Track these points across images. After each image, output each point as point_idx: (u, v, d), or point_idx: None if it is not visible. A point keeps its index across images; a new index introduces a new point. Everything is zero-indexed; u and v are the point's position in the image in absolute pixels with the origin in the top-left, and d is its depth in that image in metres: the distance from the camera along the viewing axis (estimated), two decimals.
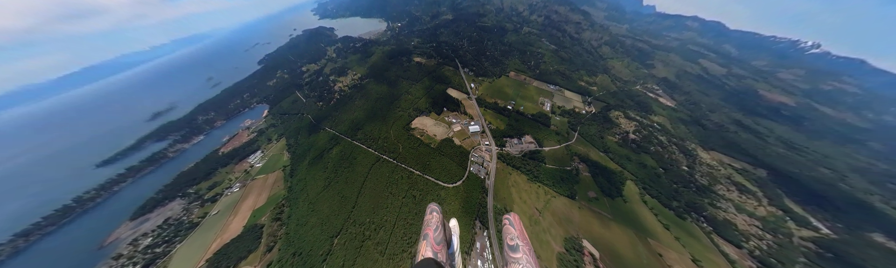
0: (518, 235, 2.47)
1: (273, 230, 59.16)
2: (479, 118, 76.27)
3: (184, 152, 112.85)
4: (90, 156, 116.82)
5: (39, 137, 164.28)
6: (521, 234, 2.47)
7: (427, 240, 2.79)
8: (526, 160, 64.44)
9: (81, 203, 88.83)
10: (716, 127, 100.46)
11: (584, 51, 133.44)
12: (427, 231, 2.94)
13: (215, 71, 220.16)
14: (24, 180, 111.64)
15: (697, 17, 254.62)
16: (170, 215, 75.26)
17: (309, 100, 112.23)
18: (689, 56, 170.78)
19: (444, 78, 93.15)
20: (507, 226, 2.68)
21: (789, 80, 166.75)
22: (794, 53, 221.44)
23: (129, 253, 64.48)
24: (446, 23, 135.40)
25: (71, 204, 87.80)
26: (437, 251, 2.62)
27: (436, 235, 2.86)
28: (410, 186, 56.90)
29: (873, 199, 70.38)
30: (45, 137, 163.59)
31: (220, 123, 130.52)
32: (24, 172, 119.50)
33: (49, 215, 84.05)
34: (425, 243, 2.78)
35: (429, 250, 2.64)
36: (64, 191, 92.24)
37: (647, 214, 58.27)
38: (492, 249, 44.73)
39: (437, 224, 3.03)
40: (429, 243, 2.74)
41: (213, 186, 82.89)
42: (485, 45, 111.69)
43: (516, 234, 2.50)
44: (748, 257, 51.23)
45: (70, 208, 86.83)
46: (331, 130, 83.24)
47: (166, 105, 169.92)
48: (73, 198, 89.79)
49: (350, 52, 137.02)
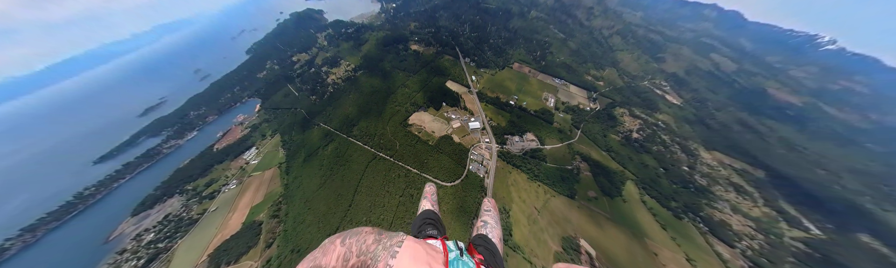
0: (491, 206, 3.49)
1: (271, 227, 59.67)
2: (480, 114, 73.16)
3: (179, 148, 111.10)
4: (87, 152, 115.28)
5: (33, 134, 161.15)
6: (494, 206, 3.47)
7: (427, 199, 3.89)
8: (526, 159, 63.01)
9: (83, 199, 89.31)
10: (720, 127, 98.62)
11: (594, 41, 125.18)
12: (426, 195, 4.05)
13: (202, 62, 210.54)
14: (24, 177, 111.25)
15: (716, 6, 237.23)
16: (170, 212, 75.86)
17: (301, 93, 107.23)
18: (701, 50, 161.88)
19: (444, 69, 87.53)
20: (485, 202, 3.67)
21: (800, 78, 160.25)
22: (810, 49, 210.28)
23: (133, 248, 65.96)
24: (445, 3, 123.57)
25: (73, 200, 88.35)
26: (433, 205, 3.69)
27: (433, 197, 3.93)
28: (407, 185, 56.01)
29: (864, 200, 71.09)
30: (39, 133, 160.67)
31: (213, 119, 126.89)
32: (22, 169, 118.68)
33: (53, 210, 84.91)
34: (426, 200, 3.89)
35: (429, 204, 3.72)
36: (64, 187, 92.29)
37: (645, 214, 58.56)
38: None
39: (433, 192, 4.13)
40: (429, 200, 3.83)
41: (211, 182, 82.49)
42: (488, 32, 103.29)
43: (491, 205, 3.51)
44: (740, 257, 52.57)
45: (72, 204, 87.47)
46: (325, 125, 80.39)
47: (156, 100, 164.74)
48: (74, 194, 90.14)
49: (342, 40, 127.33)
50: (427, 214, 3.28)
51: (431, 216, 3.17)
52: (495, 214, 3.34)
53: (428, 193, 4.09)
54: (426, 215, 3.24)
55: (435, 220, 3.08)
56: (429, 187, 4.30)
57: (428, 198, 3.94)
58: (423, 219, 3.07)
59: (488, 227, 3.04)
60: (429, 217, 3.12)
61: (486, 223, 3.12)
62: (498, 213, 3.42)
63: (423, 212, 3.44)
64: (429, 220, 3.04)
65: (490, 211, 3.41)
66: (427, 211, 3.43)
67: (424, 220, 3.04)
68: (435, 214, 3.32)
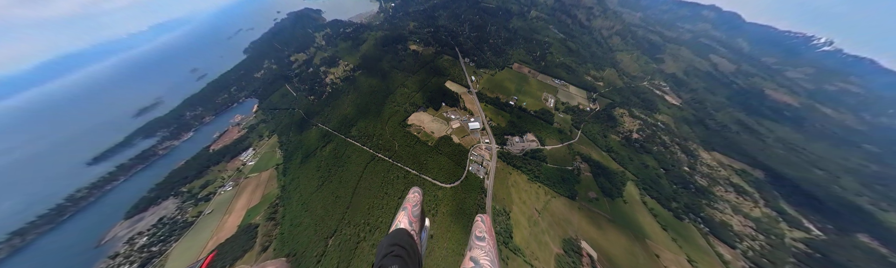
0: (486, 230, 2.72)
1: (268, 230, 58.56)
2: (480, 114, 72.53)
3: (174, 149, 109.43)
4: (79, 154, 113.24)
5: (23, 134, 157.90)
6: (490, 231, 2.74)
7: (405, 212, 3.08)
8: (527, 159, 62.46)
9: (75, 202, 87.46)
10: (719, 127, 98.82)
11: (594, 41, 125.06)
12: (407, 205, 3.23)
13: (199, 61, 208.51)
14: (14, 179, 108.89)
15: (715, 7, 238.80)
16: (164, 214, 74.36)
17: (299, 93, 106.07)
18: (700, 50, 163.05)
19: (443, 69, 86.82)
20: (479, 223, 2.91)
21: (797, 79, 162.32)
22: (806, 50, 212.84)
23: (125, 252, 64.45)
24: (445, 3, 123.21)
25: (64, 203, 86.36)
26: (413, 222, 2.92)
27: (414, 209, 3.17)
28: (406, 187, 55.03)
29: (862, 200, 71.52)
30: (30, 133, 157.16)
31: (209, 119, 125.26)
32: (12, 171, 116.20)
33: (44, 213, 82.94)
34: (403, 213, 3.05)
35: (405, 219, 2.93)
36: (56, 189, 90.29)
37: (646, 215, 58.23)
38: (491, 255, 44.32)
39: (417, 202, 3.34)
40: (406, 214, 3.04)
41: (206, 184, 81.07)
42: (487, 32, 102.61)
43: (485, 229, 2.75)
44: (742, 258, 52.38)
45: (64, 206, 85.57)
46: (323, 126, 79.40)
47: (151, 100, 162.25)
48: (66, 197, 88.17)
49: (340, 39, 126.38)
50: (398, 237, 2.40)
51: (403, 241, 2.31)
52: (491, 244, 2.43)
53: (409, 203, 3.20)
54: (396, 238, 2.36)
55: (407, 248, 2.21)
56: (412, 195, 3.39)
57: (407, 210, 3.05)
58: (390, 246, 2.20)
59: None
60: (398, 243, 2.25)
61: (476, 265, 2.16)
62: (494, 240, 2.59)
63: (394, 233, 2.51)
64: (396, 248, 2.16)
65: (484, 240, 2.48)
66: (399, 232, 2.50)
67: (391, 248, 2.18)
68: (410, 237, 2.45)
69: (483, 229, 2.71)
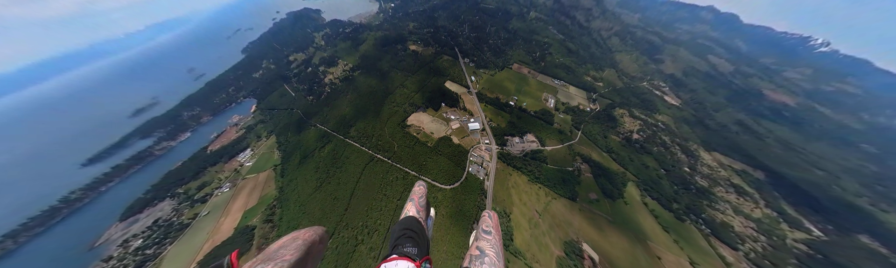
0: (493, 226, 2.76)
1: (265, 232, 57.67)
2: (479, 115, 72.08)
3: (171, 150, 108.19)
4: (74, 154, 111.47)
5: (16, 134, 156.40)
6: (496, 227, 2.78)
7: (413, 202, 3.31)
8: (527, 160, 62.02)
9: (68, 204, 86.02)
10: (718, 127, 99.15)
11: (593, 42, 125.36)
12: (413, 197, 3.43)
13: (197, 61, 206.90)
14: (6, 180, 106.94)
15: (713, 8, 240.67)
16: (159, 216, 73.25)
17: (298, 93, 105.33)
18: (698, 51, 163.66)
19: (442, 70, 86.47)
20: (485, 218, 2.95)
21: (795, 79, 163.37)
22: (804, 51, 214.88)
23: (119, 255, 63.33)
24: (444, 3, 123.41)
25: (58, 205, 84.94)
26: (420, 211, 3.16)
27: (420, 200, 3.36)
28: (405, 188, 54.63)
29: (862, 201, 71.56)
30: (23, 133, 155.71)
31: (207, 119, 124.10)
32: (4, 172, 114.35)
33: (36, 216, 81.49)
34: (411, 204, 3.29)
35: (413, 209, 3.16)
36: (49, 191, 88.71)
37: (647, 216, 57.83)
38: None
39: (422, 194, 3.54)
40: (414, 204, 3.26)
41: (203, 185, 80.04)
42: (487, 32, 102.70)
43: (492, 225, 2.78)
44: (743, 260, 52.00)
45: (57, 208, 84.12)
46: (322, 126, 78.67)
47: (148, 100, 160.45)
48: (60, 198, 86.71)
49: (339, 40, 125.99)
50: (408, 223, 2.74)
51: (413, 226, 2.64)
52: (497, 239, 2.53)
53: (415, 195, 3.46)
54: (407, 224, 2.70)
55: (417, 232, 2.54)
56: (418, 187, 3.65)
57: (414, 201, 3.33)
58: (403, 230, 2.53)
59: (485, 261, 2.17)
60: (409, 228, 2.58)
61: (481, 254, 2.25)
62: (500, 235, 2.66)
63: (404, 220, 2.86)
64: (408, 231, 2.50)
65: (490, 234, 2.58)
66: (409, 219, 2.85)
67: (404, 231, 2.50)
68: (418, 223, 2.78)
69: (490, 224, 2.76)
